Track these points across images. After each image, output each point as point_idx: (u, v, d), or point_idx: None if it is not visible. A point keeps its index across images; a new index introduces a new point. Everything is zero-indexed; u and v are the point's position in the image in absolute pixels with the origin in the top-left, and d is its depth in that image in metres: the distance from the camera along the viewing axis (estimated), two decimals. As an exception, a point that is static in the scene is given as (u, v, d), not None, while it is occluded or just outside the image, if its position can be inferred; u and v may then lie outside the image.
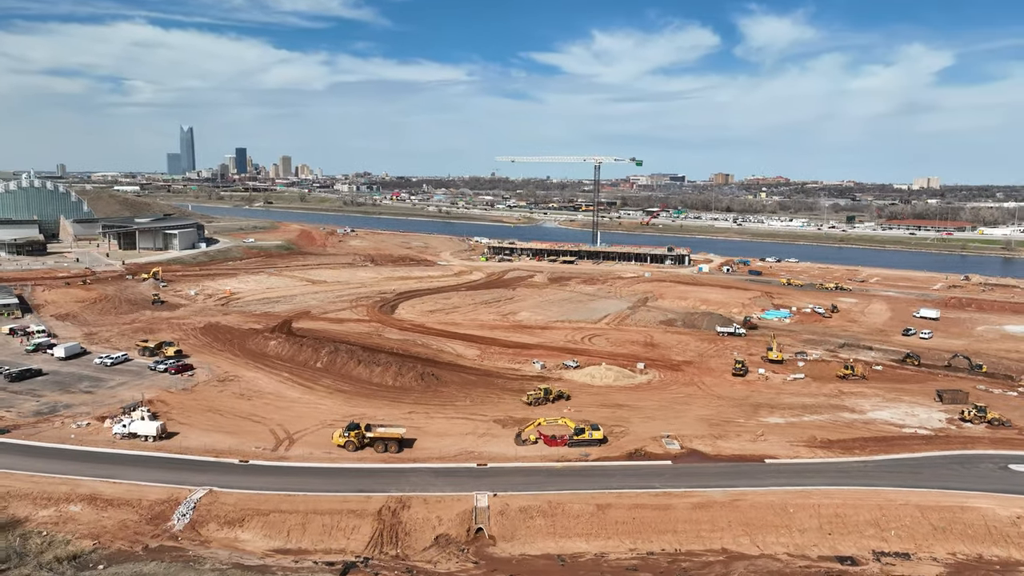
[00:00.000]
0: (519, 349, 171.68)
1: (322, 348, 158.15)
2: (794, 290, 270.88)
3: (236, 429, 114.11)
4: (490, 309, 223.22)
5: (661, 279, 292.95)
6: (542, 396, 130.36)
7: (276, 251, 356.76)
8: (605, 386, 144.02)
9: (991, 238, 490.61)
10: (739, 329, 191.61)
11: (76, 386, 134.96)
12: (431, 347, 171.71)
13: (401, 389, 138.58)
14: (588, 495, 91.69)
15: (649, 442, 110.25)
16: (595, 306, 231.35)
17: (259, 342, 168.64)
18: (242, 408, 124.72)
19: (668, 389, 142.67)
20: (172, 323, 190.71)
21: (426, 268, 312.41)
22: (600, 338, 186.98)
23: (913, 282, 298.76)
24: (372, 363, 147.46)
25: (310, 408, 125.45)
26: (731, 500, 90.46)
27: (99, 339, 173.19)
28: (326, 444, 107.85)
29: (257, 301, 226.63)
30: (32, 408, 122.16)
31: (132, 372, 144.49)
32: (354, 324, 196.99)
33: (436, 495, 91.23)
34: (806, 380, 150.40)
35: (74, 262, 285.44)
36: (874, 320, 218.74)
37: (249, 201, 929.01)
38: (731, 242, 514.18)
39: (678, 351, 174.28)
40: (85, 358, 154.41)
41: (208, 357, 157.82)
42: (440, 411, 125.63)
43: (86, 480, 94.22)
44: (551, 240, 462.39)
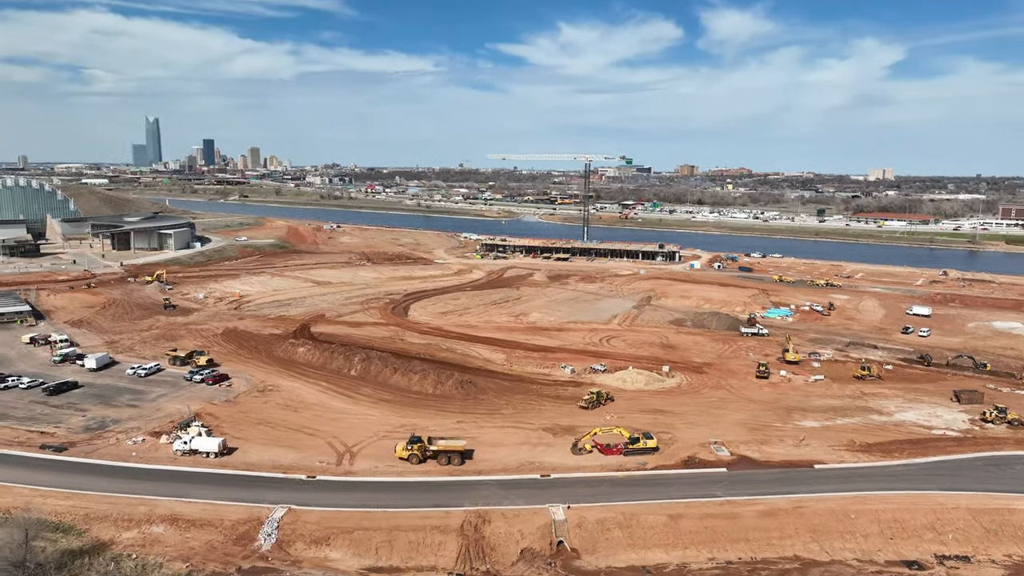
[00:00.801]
0: (543, 352, 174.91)
1: (354, 356, 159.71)
2: (786, 287, 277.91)
3: (293, 443, 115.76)
4: (501, 310, 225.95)
5: (657, 276, 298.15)
6: (595, 400, 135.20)
7: (270, 249, 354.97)
8: (637, 390, 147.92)
9: (957, 232, 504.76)
10: (762, 330, 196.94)
11: (117, 399, 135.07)
12: (456, 352, 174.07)
13: (442, 397, 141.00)
14: (657, 505, 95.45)
15: (699, 449, 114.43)
16: (601, 306, 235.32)
17: (287, 349, 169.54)
18: (292, 420, 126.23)
19: (699, 393, 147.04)
20: (191, 329, 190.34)
21: (425, 267, 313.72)
22: (617, 340, 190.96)
23: (896, 278, 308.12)
24: (409, 371, 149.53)
25: (360, 419, 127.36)
26: (794, 507, 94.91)
27: (122, 347, 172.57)
28: (388, 457, 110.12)
29: (268, 304, 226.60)
30: (81, 424, 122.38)
31: (168, 383, 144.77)
32: (372, 328, 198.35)
33: (512, 508, 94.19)
34: (826, 381, 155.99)
35: (71, 264, 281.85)
36: (870, 318, 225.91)
37: (224, 195, 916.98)
38: (710, 236, 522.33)
39: (696, 353, 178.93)
40: (115, 368, 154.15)
41: (239, 365, 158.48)
42: (487, 420, 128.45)
43: (161, 500, 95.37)
44: (534, 234, 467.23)
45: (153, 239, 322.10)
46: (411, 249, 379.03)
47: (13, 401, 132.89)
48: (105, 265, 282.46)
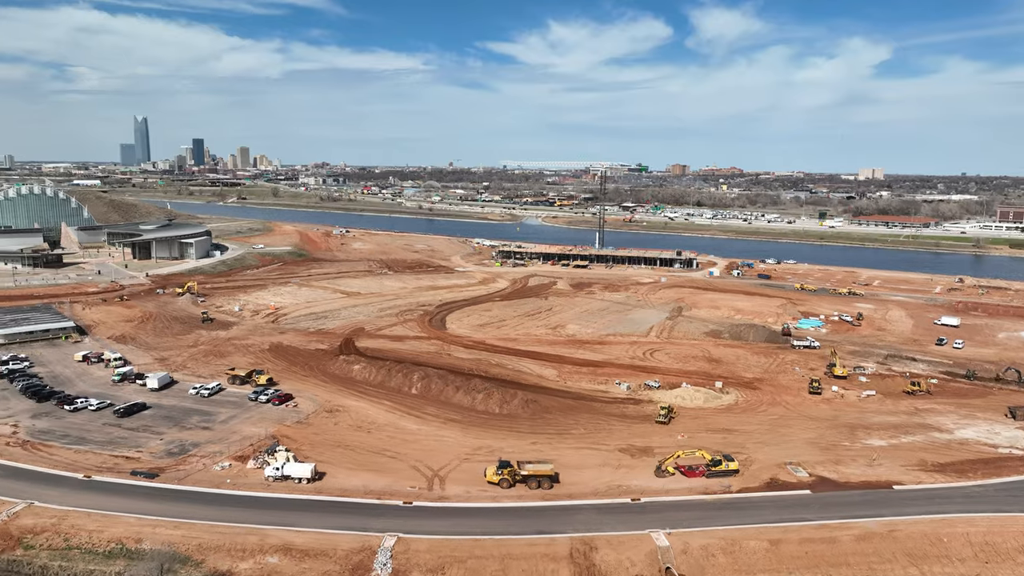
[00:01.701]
0: (592, 368, 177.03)
1: (412, 373, 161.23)
2: (809, 295, 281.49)
3: (379, 467, 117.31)
4: (536, 322, 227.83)
5: (679, 284, 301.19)
6: (668, 413, 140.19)
7: (288, 257, 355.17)
8: (697, 407, 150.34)
9: (962, 236, 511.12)
10: (814, 342, 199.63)
11: (188, 421, 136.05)
12: (507, 367, 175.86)
13: (509, 417, 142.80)
14: (755, 530, 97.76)
15: (777, 470, 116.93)
16: (634, 317, 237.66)
17: (341, 366, 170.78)
18: (369, 442, 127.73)
19: (758, 411, 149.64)
20: (236, 345, 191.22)
21: (448, 276, 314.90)
22: (659, 353, 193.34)
23: (913, 285, 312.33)
24: (472, 390, 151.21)
25: (436, 441, 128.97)
26: (888, 531, 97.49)
27: (174, 365, 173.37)
28: (477, 481, 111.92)
29: (304, 317, 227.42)
30: (161, 448, 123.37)
31: (233, 404, 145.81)
32: (415, 342, 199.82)
33: (615, 535, 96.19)
34: (878, 396, 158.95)
35: (96, 274, 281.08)
36: (900, 328, 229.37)
37: (221, 196, 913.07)
38: (717, 240, 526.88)
39: (742, 367, 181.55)
40: (176, 388, 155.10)
41: (297, 384, 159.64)
42: (561, 441, 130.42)
43: (269, 529, 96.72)
44: (539, 238, 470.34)
45: (174, 248, 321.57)
46: (427, 256, 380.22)
47: (86, 424, 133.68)
48: (131, 276, 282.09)
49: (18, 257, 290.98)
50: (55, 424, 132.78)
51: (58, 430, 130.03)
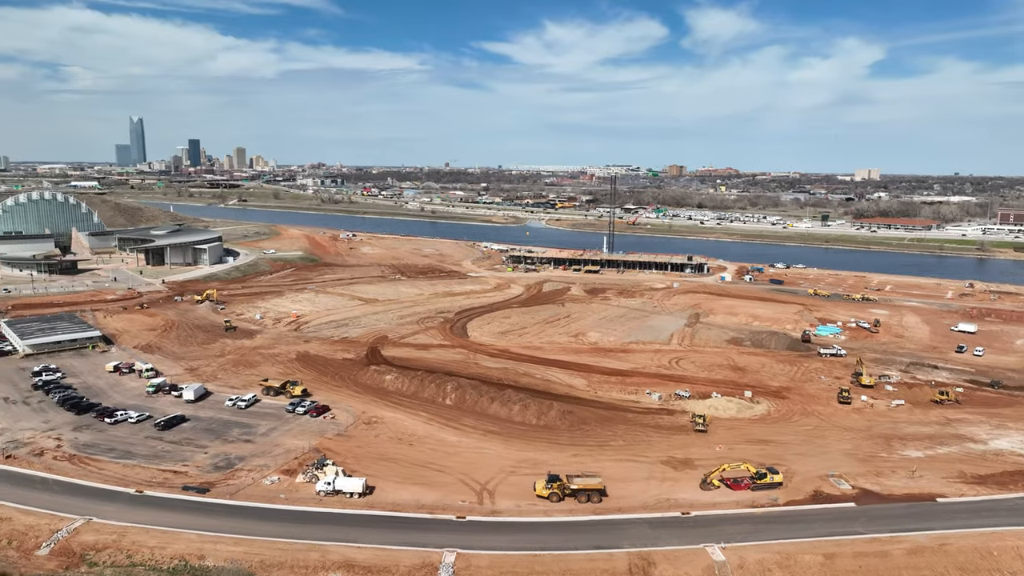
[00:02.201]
0: (620, 377, 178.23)
1: (445, 384, 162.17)
2: (823, 301, 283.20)
3: (426, 480, 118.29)
4: (556, 329, 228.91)
5: (692, 290, 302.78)
6: (704, 422, 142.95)
7: (300, 263, 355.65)
8: (730, 418, 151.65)
9: (966, 239, 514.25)
10: (840, 350, 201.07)
11: (228, 434, 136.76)
12: (535, 377, 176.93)
13: (547, 428, 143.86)
14: (809, 544, 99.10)
15: (819, 482, 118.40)
16: (653, 324, 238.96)
17: (373, 376, 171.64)
18: (412, 455, 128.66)
19: (791, 421, 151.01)
20: (264, 355, 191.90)
21: (462, 282, 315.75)
22: (684, 361, 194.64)
23: (925, 290, 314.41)
24: (508, 401, 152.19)
25: (478, 454, 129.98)
26: (939, 544, 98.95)
27: (204, 375, 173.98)
28: (525, 495, 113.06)
29: (325, 325, 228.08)
30: (208, 462, 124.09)
31: (272, 416, 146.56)
32: (440, 350, 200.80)
33: (671, 549, 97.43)
34: (907, 406, 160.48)
35: (112, 281, 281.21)
36: (918, 335, 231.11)
37: (222, 199, 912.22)
38: (722, 243, 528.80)
39: (768, 375, 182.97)
40: (212, 400, 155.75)
41: (330, 395, 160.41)
42: (601, 453, 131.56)
43: (329, 545, 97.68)
44: (545, 241, 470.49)
45: (188, 254, 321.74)
46: (438, 261, 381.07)
47: (128, 437, 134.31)
48: (147, 283, 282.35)
49: (34, 264, 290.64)
50: (98, 437, 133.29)
51: (102, 443, 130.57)
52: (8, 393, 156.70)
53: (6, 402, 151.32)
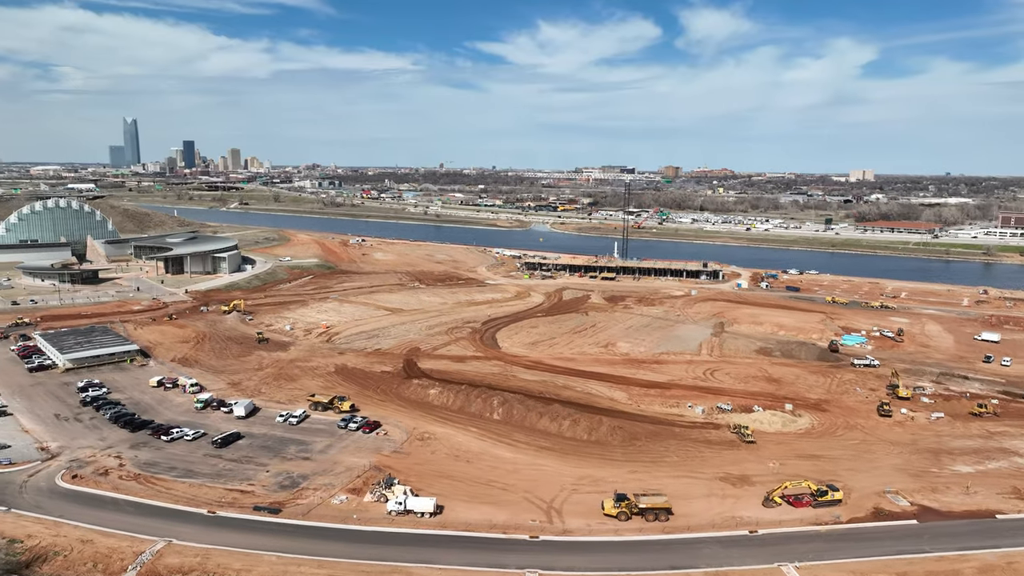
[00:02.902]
0: (660, 389, 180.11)
1: (491, 398, 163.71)
2: (842, 309, 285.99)
3: (492, 499, 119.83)
4: (585, 340, 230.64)
5: (711, 298, 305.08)
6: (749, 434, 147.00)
7: (317, 270, 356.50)
8: (776, 432, 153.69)
9: (972, 243, 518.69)
10: (873, 361, 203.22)
11: (286, 451, 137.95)
12: (576, 389, 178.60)
13: (599, 444, 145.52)
14: (881, 563, 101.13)
15: (877, 499, 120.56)
16: (680, 333, 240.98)
17: (416, 391, 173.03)
18: (472, 473, 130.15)
19: (836, 435, 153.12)
20: (302, 367, 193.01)
21: (482, 289, 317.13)
22: (719, 373, 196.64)
23: (939, 297, 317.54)
24: (558, 416, 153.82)
25: (537, 471, 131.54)
26: (1007, 563, 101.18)
27: (248, 390, 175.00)
28: (593, 513, 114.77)
29: (356, 336, 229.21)
30: (272, 480, 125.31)
31: (325, 432, 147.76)
32: (475, 362, 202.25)
33: (746, 569, 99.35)
34: (947, 419, 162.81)
35: (135, 291, 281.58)
36: (943, 344, 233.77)
37: (222, 202, 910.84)
38: (729, 248, 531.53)
39: (804, 387, 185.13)
40: (261, 416, 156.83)
41: (376, 409, 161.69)
42: (657, 469, 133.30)
43: (413, 567, 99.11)
44: (553, 246, 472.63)
45: (207, 263, 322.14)
46: (452, 267, 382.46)
47: (187, 455, 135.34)
48: (170, 292, 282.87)
49: (56, 274, 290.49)
50: (157, 455, 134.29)
51: (162, 462, 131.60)
52: (58, 409, 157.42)
53: (58, 419, 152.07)
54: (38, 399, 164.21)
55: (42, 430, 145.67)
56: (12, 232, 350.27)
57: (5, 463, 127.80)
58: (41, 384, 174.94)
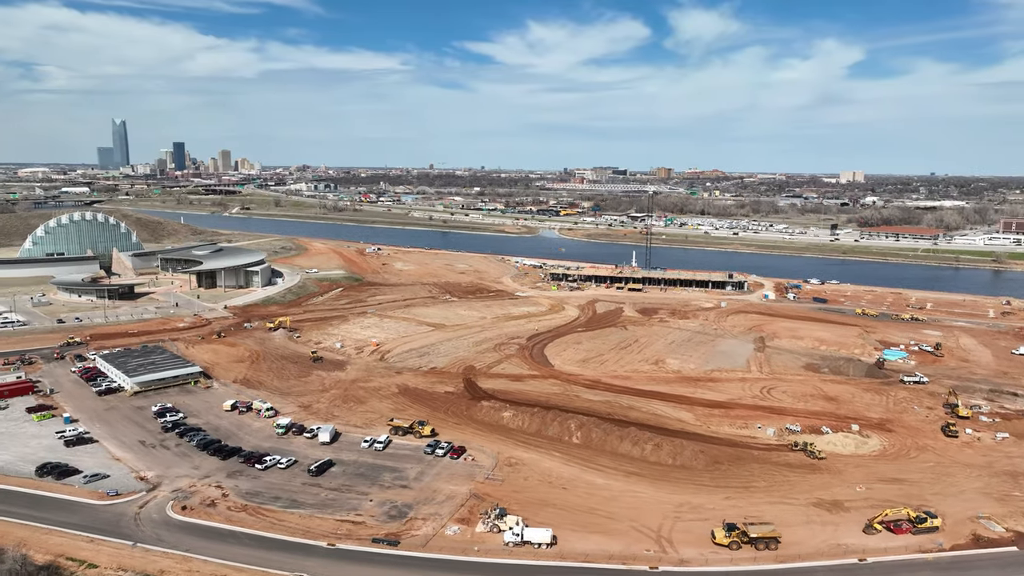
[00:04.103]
0: (723, 409, 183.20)
1: (567, 421, 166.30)
2: (873, 321, 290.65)
3: (599, 528, 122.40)
4: (633, 356, 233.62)
5: (742, 310, 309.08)
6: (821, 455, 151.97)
7: (344, 282, 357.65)
8: (850, 454, 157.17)
9: (982, 250, 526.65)
10: (922, 378, 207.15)
11: (381, 478, 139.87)
12: (641, 410, 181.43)
13: (684, 468, 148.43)
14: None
15: (971, 524, 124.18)
16: (723, 349, 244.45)
17: (488, 413, 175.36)
18: (571, 500, 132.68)
19: (910, 457, 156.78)
20: (365, 388, 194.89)
21: (514, 302, 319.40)
22: (775, 391, 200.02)
23: (964, 307, 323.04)
24: (639, 440, 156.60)
25: (634, 498, 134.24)
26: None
27: (320, 412, 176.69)
28: (702, 542, 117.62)
29: (407, 354, 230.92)
30: (378, 510, 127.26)
31: (412, 458, 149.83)
32: (533, 381, 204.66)
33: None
34: (1012, 439, 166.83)
35: (174, 307, 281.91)
36: (983, 359, 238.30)
37: (223, 206, 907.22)
38: (741, 255, 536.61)
39: (862, 406, 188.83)
40: (344, 441, 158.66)
41: (454, 433, 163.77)
42: (750, 495, 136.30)
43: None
44: (571, 254, 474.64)
45: (240, 276, 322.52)
46: (477, 278, 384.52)
47: (285, 484, 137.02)
48: (208, 308, 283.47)
49: (93, 289, 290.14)
50: (256, 484, 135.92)
51: (264, 491, 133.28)
52: (141, 435, 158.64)
53: (144, 446, 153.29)
54: (117, 424, 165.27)
55: (133, 458, 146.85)
56: (39, 245, 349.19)
57: (112, 494, 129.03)
58: (114, 408, 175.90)
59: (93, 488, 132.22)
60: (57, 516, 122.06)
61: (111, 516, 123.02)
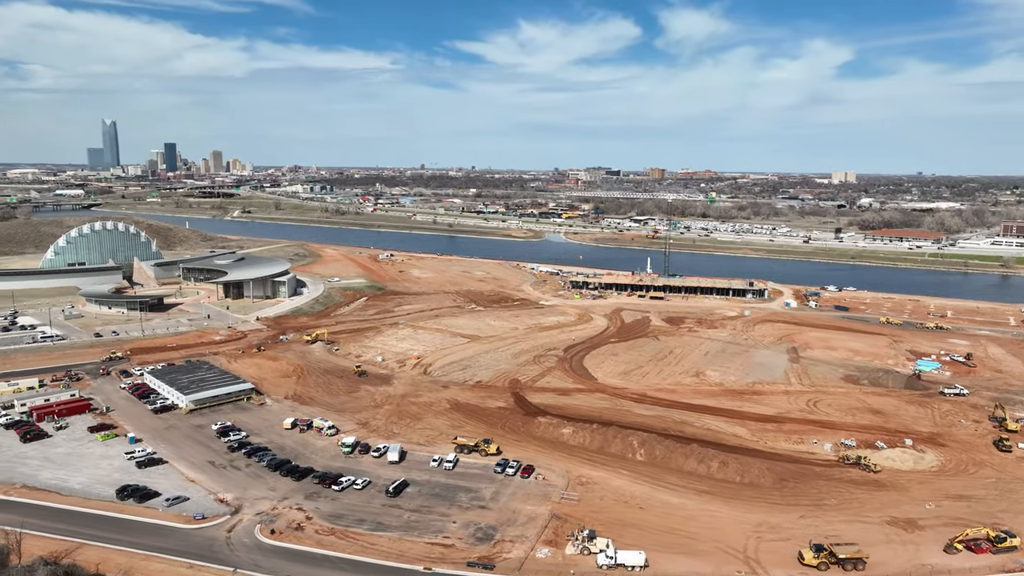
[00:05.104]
0: (775, 424, 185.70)
1: (629, 438, 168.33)
2: (898, 330, 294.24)
3: (685, 548, 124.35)
4: (672, 368, 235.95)
5: (766, 319, 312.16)
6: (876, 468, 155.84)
7: (368, 291, 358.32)
8: (909, 470, 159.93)
9: (988, 255, 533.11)
10: (963, 390, 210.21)
11: (458, 499, 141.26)
12: (695, 425, 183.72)
13: (753, 486, 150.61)
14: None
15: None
16: (758, 360, 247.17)
17: (547, 430, 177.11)
18: (650, 520, 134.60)
19: (969, 473, 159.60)
20: (417, 403, 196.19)
21: (541, 312, 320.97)
22: (821, 404, 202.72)
23: (985, 315, 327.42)
24: (705, 458, 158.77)
25: (712, 517, 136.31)
26: None
27: (378, 430, 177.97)
28: (789, 563, 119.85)
29: (448, 367, 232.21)
30: (464, 532, 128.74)
31: (483, 477, 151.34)
32: (581, 395, 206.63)
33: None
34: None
35: (206, 319, 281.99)
36: (1016, 369, 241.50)
37: (223, 210, 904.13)
38: (750, 260, 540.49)
39: (909, 419, 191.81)
40: (412, 459, 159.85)
41: (517, 451, 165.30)
42: (823, 513, 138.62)
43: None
44: (589, 259, 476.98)
45: (267, 287, 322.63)
46: (497, 286, 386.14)
47: (364, 505, 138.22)
48: (241, 320, 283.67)
49: (123, 301, 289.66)
50: (336, 506, 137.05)
51: (346, 513, 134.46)
52: (209, 456, 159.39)
53: (214, 466, 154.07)
54: (182, 444, 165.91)
55: (207, 479, 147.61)
56: (60, 256, 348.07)
57: (199, 517, 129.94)
58: (174, 427, 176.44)
59: (177, 511, 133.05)
60: (151, 541, 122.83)
61: (203, 540, 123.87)
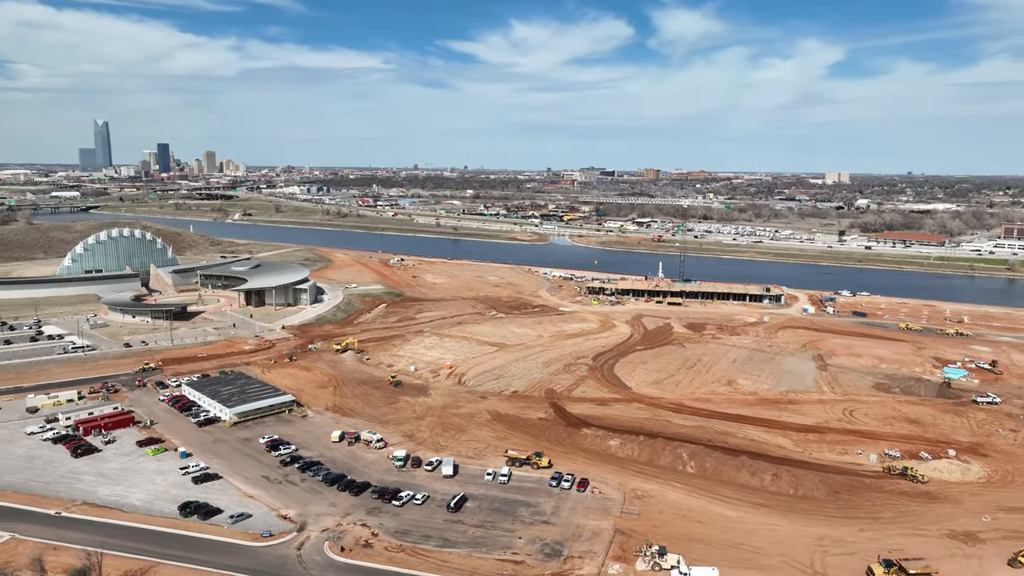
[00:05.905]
0: (817, 434, 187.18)
1: (679, 450, 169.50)
2: (919, 336, 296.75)
3: (752, 564, 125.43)
4: (703, 376, 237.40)
5: (786, 325, 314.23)
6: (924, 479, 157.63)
7: (386, 298, 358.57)
8: (958, 481, 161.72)
9: (994, 258, 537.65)
10: (995, 398, 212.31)
11: (519, 514, 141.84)
12: (737, 436, 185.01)
13: (807, 499, 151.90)
14: None
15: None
16: (786, 367, 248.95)
17: (594, 442, 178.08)
18: (713, 535, 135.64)
19: (1016, 484, 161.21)
20: (458, 415, 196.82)
21: (562, 318, 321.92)
22: (857, 413, 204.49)
23: (1002, 321, 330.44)
24: (757, 470, 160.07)
25: (771, 531, 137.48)
26: None
27: (425, 442, 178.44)
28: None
29: (481, 377, 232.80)
30: (531, 548, 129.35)
31: (539, 491, 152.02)
32: (618, 405, 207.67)
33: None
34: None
35: (232, 328, 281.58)
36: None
37: (224, 213, 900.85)
38: (758, 264, 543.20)
39: (947, 429, 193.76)
40: (465, 473, 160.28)
41: (567, 463, 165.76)
42: (881, 526, 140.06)
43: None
44: (585, 262, 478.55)
45: (288, 294, 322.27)
46: (514, 292, 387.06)
47: (427, 521, 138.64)
48: (266, 328, 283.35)
49: (148, 310, 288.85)
50: (399, 522, 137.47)
51: (412, 529, 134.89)
52: (263, 471, 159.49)
53: (270, 481, 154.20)
54: (233, 459, 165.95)
55: (265, 495, 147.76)
56: (78, 263, 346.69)
57: (266, 535, 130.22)
58: (221, 441, 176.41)
59: (242, 528, 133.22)
60: (221, 559, 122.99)
61: (274, 559, 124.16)
